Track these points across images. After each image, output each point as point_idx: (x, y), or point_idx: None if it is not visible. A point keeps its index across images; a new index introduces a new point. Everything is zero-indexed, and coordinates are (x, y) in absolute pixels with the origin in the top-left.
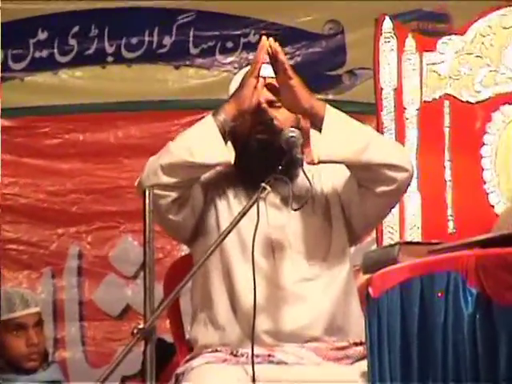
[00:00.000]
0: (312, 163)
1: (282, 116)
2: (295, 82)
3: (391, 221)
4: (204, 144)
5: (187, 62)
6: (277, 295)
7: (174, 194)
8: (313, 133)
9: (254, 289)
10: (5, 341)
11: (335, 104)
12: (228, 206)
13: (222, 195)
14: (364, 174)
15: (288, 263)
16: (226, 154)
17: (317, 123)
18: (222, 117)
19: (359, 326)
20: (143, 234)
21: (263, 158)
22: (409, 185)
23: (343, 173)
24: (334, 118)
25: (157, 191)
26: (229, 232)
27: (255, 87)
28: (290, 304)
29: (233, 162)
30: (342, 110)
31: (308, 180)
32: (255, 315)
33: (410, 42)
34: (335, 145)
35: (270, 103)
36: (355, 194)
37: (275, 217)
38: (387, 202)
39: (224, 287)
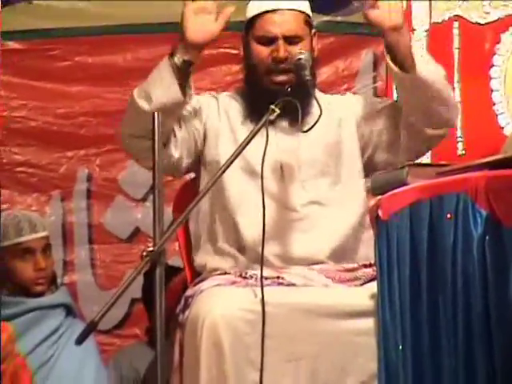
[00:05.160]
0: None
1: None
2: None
3: None
4: (158, 88)
5: None
6: (286, 219)
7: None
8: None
9: (263, 211)
10: (13, 265)
11: (345, 25)
12: (234, 134)
13: (225, 123)
14: (435, 108)
15: (297, 187)
16: (174, 92)
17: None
18: (175, 56)
19: (369, 249)
20: (152, 156)
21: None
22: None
23: (367, 108)
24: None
25: (131, 143)
26: (237, 155)
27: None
28: (300, 228)
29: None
30: (351, 32)
31: (317, 102)
32: (264, 237)
33: None
34: (432, 69)
35: (287, 39)
36: (390, 135)
37: (285, 141)
38: (425, 148)
39: (232, 213)
